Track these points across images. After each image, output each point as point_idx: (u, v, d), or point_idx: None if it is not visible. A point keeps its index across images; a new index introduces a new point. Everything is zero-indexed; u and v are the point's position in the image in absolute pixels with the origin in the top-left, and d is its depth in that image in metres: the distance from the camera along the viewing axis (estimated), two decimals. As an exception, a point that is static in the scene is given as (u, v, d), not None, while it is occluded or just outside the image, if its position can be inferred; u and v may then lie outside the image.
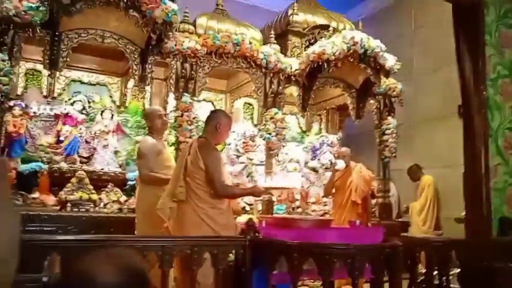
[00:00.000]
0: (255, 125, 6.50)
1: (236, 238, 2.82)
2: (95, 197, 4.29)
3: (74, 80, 5.46)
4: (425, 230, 5.99)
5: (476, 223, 4.36)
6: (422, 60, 7.37)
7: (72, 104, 5.12)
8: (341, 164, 4.34)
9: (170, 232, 2.91)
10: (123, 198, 4.45)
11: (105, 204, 4.30)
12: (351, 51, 4.98)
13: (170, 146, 4.89)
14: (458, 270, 3.83)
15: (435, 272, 3.54)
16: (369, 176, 4.52)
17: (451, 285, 3.50)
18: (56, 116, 5.06)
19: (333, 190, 4.51)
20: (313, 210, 5.42)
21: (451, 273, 3.63)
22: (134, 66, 4.58)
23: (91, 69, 5.59)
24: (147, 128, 3.52)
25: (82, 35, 4.33)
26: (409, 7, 7.97)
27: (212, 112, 3.14)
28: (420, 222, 6.16)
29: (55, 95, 5.24)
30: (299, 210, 5.02)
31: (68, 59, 4.29)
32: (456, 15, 4.71)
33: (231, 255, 2.77)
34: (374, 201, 6.09)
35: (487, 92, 4.68)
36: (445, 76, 6.65)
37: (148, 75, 4.61)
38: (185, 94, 4.65)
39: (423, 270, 3.62)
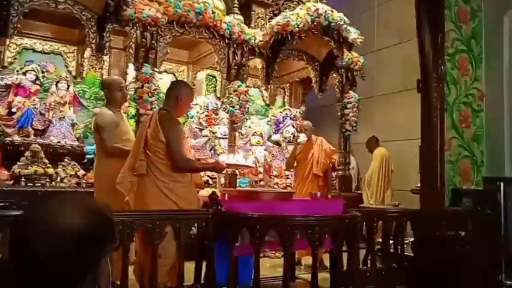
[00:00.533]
0: (218, 98, 6.44)
1: (199, 211, 2.81)
2: (51, 171, 4.14)
3: (26, 48, 5.17)
4: (372, 203, 6.18)
5: (430, 194, 4.54)
6: (384, 36, 7.45)
7: (24, 74, 4.84)
8: (302, 138, 4.36)
9: (131, 207, 2.85)
10: (81, 172, 4.31)
11: (62, 179, 4.15)
12: (315, 23, 4.95)
13: (131, 118, 4.77)
14: (412, 239, 3.99)
15: (391, 241, 3.69)
16: (330, 149, 4.58)
17: (405, 254, 3.65)
18: (7, 87, 4.79)
19: (295, 163, 4.55)
20: (275, 183, 5.47)
21: (406, 241, 3.79)
22: (91, 35, 4.38)
23: (44, 36, 5.32)
24: (105, 99, 3.37)
25: (33, -1, 4.06)
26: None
27: (173, 83, 3.05)
28: (369, 194, 6.35)
29: (5, 63, 4.98)
30: (262, 183, 5.05)
31: (18, 25, 4.02)
32: (417, -12, 4.75)
33: (193, 228, 2.77)
34: (334, 174, 6.22)
35: (444, 66, 4.81)
36: (406, 52, 6.76)
37: (106, 44, 4.42)
38: (146, 64, 4.49)
39: (380, 240, 3.76)
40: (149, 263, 2.54)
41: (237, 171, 5.11)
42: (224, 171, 4.73)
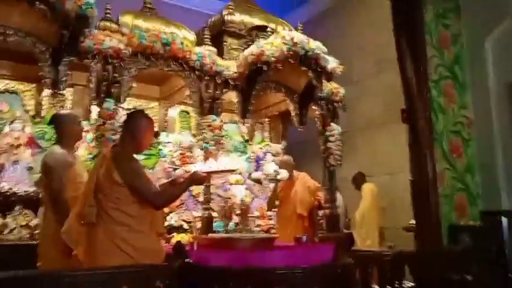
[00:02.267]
0: (193, 135, 6.03)
1: (161, 266, 2.33)
2: (-2, 222, 3.60)
3: (-23, 87, 4.72)
4: (368, 245, 5.77)
5: (426, 232, 4.17)
6: (363, 64, 7.26)
7: (-27, 115, 4.37)
8: (283, 174, 3.95)
9: (80, 262, 2.35)
10: (34, 221, 3.77)
11: (11, 230, 3.61)
12: (292, 52, 4.67)
13: (93, 158, 4.30)
14: (412, 284, 3.58)
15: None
16: (314, 185, 4.17)
17: (406, 301, 3.21)
18: (-47, 129, 4.29)
19: (277, 203, 4.11)
20: (257, 225, 5.00)
21: (405, 287, 3.37)
22: (46, 69, 3.97)
23: (-1, 74, 4.88)
24: (56, 137, 2.92)
25: (-23, 31, 3.67)
26: (350, 9, 7.88)
27: (128, 115, 2.64)
28: (363, 235, 5.95)
29: (-47, 104, 4.51)
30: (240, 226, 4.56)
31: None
32: (395, 15, 4.55)
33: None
34: (321, 212, 5.79)
35: (430, 94, 4.54)
36: (387, 80, 6.56)
37: (63, 78, 3.99)
38: (108, 100, 4.08)
39: (376, 286, 3.33)
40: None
41: (214, 214, 4.64)
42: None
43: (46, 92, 4.89)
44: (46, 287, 1.86)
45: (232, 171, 2.99)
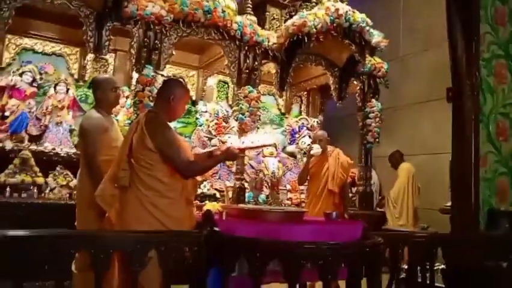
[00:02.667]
0: (230, 106, 6.04)
1: (189, 233, 2.37)
2: (40, 180, 3.78)
3: (26, 49, 4.89)
4: (400, 224, 5.65)
5: (463, 215, 4.02)
6: (409, 41, 6.94)
7: (20, 75, 4.54)
8: (316, 149, 3.88)
9: (112, 224, 2.43)
10: (74, 182, 3.93)
11: (52, 189, 3.77)
12: (335, 24, 4.53)
13: (130, 124, 4.39)
14: (442, 266, 3.50)
15: (418, 268, 3.20)
16: (347, 162, 4.07)
17: (436, 284, 3.15)
18: (1, 88, 4.47)
19: (308, 178, 4.07)
20: (288, 199, 5.00)
21: (435, 269, 3.30)
22: (90, 33, 4.04)
23: (45, 37, 5.03)
24: (95, 101, 2.98)
25: (26, -6, 3.76)
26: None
27: (165, 82, 2.63)
28: (396, 214, 5.83)
29: (3, 65, 4.70)
30: (270, 199, 4.58)
31: (10, 21, 3.71)
32: (450, -13, 4.28)
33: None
34: (354, 189, 5.72)
35: (480, 73, 4.30)
36: (433, 58, 6.26)
37: (106, 43, 4.07)
38: (148, 66, 4.12)
39: (405, 266, 3.28)
40: (129, 293, 2.11)
41: (246, 184, 4.68)
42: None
43: (90, 56, 5.00)
44: (76, 248, 1.93)
45: (265, 146, 2.95)
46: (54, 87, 4.70)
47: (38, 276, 1.74)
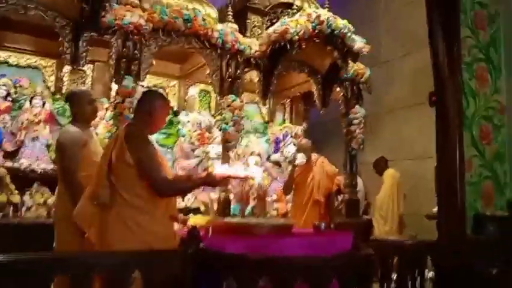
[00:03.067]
0: (213, 115, 5.95)
1: (173, 252, 2.27)
2: (16, 199, 3.62)
3: (-1, 62, 4.71)
4: (386, 231, 5.63)
5: (449, 221, 4.00)
6: (391, 45, 6.98)
7: (-6, 90, 4.38)
8: (300, 159, 3.83)
9: (92, 244, 2.31)
10: (52, 199, 3.77)
11: (28, 208, 3.62)
12: (317, 31, 4.50)
13: (111, 137, 4.27)
14: (431, 273, 3.47)
15: (408, 277, 3.16)
16: (332, 170, 4.04)
17: (426, 292, 3.12)
18: (-26, 104, 4.30)
19: (293, 187, 4.01)
20: (275, 209, 4.93)
21: (425, 277, 3.28)
22: (66, 44, 3.93)
23: (21, 49, 4.87)
24: (72, 115, 2.87)
25: (-1, 5, 3.62)
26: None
27: (144, 94, 2.54)
28: (381, 221, 5.82)
29: (-24, 79, 4.53)
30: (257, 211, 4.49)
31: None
32: (430, -7, 4.30)
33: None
34: (340, 197, 5.68)
35: (462, 77, 4.32)
36: (416, 62, 6.30)
37: (83, 54, 3.96)
38: (127, 77, 4.01)
39: (394, 275, 3.24)
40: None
41: (231, 196, 4.59)
42: (217, 190, 4.22)
43: (67, 68, 4.85)
44: (54, 271, 1.82)
45: (247, 178, 2.88)
46: (30, 101, 4.54)
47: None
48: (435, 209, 4.34)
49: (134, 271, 2.06)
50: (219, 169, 2.76)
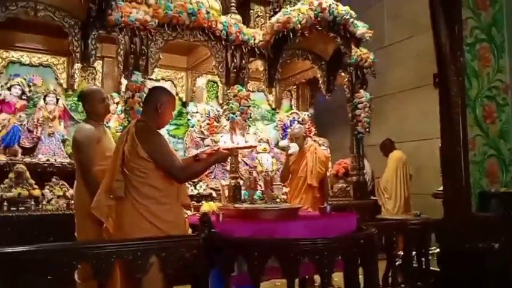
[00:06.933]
0: (220, 105, 6.08)
1: (187, 237, 2.43)
2: (37, 192, 3.81)
3: (12, 62, 4.88)
4: (392, 212, 5.73)
5: (455, 199, 4.09)
6: (394, 29, 7.00)
7: (9, 89, 4.54)
8: (293, 149, 3.96)
9: (110, 234, 2.47)
10: (70, 192, 3.96)
11: (49, 201, 3.81)
12: (319, 18, 4.57)
13: (122, 130, 4.43)
14: (437, 250, 3.58)
15: (414, 253, 3.28)
16: (325, 156, 4.15)
17: (431, 268, 3.23)
18: (-9, 103, 4.48)
19: (290, 176, 4.17)
20: (284, 193, 5.06)
21: (430, 253, 3.39)
22: (75, 43, 4.07)
23: (32, 48, 5.03)
24: (85, 113, 3.01)
25: (9, 7, 3.76)
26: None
27: (150, 90, 2.66)
28: (387, 202, 5.91)
29: (-10, 78, 4.70)
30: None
31: (-5, 37, 3.72)
32: (430, -25, 4.33)
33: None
34: (348, 179, 5.80)
35: (464, 58, 4.37)
36: (419, 45, 6.32)
37: (92, 52, 4.09)
38: (136, 72, 4.15)
39: (401, 253, 3.36)
40: (133, 300, 2.16)
41: (241, 182, 4.74)
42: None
43: (77, 65, 5.00)
44: (77, 259, 1.98)
45: (252, 147, 3.01)
46: (44, 99, 4.71)
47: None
48: (440, 188, 4.41)
49: (152, 256, 2.22)
50: (225, 143, 2.88)
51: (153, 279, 2.23)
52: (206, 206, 3.51)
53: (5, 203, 3.64)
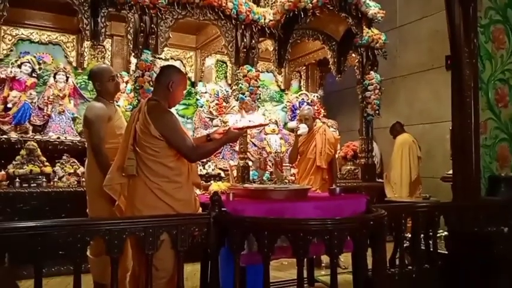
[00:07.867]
0: (229, 85, 6.05)
1: (198, 215, 2.45)
2: (48, 169, 3.85)
3: (22, 39, 4.88)
4: (398, 195, 5.70)
5: (464, 183, 4.08)
6: (406, 9, 6.86)
7: (19, 66, 4.55)
8: (303, 129, 3.94)
9: (122, 211, 2.50)
10: (81, 169, 3.99)
11: (60, 178, 3.85)
12: (330, -2, 4.48)
13: (133, 109, 4.43)
14: (445, 233, 3.58)
15: (422, 236, 3.28)
16: (334, 138, 4.13)
17: (438, 251, 3.24)
18: (2, 81, 4.48)
19: (298, 157, 4.15)
20: (292, 174, 5.08)
21: (438, 235, 3.39)
22: (85, 20, 4.03)
23: (41, 26, 5.02)
24: (95, 91, 3.01)
25: (19, -16, 3.73)
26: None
27: (162, 69, 2.65)
28: (393, 185, 5.89)
29: (1, 56, 4.71)
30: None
31: (4, 13, 3.69)
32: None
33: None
34: (356, 161, 5.79)
35: (478, 40, 4.28)
36: (431, 26, 6.21)
37: (101, 30, 4.07)
38: (146, 51, 4.13)
39: (409, 234, 3.36)
40: (144, 275, 2.20)
41: (250, 163, 4.75)
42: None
43: (87, 43, 4.99)
44: (91, 235, 2.01)
45: (262, 125, 3.00)
46: (54, 77, 4.72)
47: (56, 261, 1.84)
48: (450, 171, 4.39)
49: (163, 233, 2.25)
50: (233, 122, 2.88)
51: (164, 256, 2.27)
52: (215, 186, 3.53)
53: (17, 180, 3.69)
